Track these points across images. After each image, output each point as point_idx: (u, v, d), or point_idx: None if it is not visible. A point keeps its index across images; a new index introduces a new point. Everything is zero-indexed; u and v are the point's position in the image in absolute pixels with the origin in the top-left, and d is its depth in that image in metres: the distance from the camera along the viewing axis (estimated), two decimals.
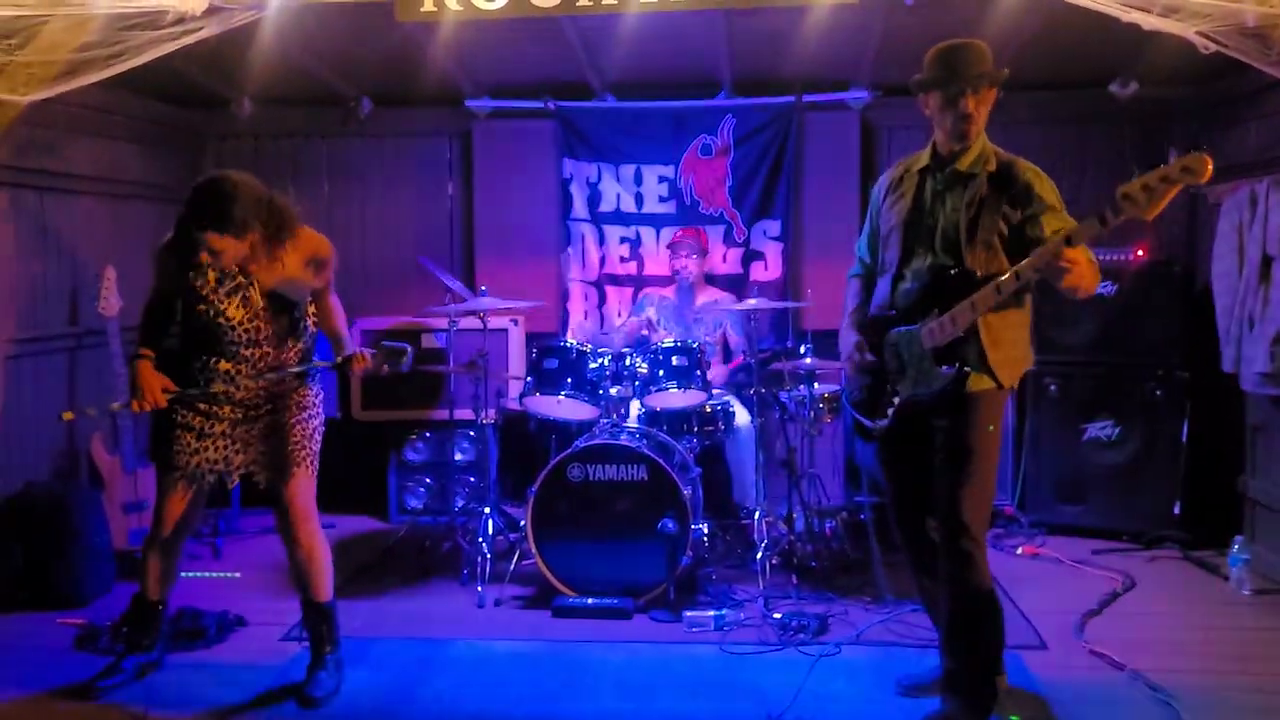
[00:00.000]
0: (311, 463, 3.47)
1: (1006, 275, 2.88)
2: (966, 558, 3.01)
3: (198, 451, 3.39)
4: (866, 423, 3.29)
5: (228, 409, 3.40)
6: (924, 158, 3.19)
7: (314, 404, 3.52)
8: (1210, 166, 2.52)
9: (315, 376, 3.55)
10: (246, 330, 3.35)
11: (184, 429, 3.39)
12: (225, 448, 3.41)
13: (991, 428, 3.06)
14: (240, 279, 3.34)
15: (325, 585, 3.52)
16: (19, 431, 4.62)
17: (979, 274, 2.98)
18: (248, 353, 3.37)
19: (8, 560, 4.26)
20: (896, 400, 3.17)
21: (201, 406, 3.39)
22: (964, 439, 3.03)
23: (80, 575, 4.32)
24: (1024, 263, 2.85)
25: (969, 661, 3.09)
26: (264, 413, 3.43)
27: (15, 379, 4.60)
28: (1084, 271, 2.78)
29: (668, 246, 5.62)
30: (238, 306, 3.33)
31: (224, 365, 3.37)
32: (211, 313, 3.32)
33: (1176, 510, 5.00)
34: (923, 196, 3.15)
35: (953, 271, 3.03)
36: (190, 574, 4.73)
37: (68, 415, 3.55)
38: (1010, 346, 3.06)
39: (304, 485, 3.44)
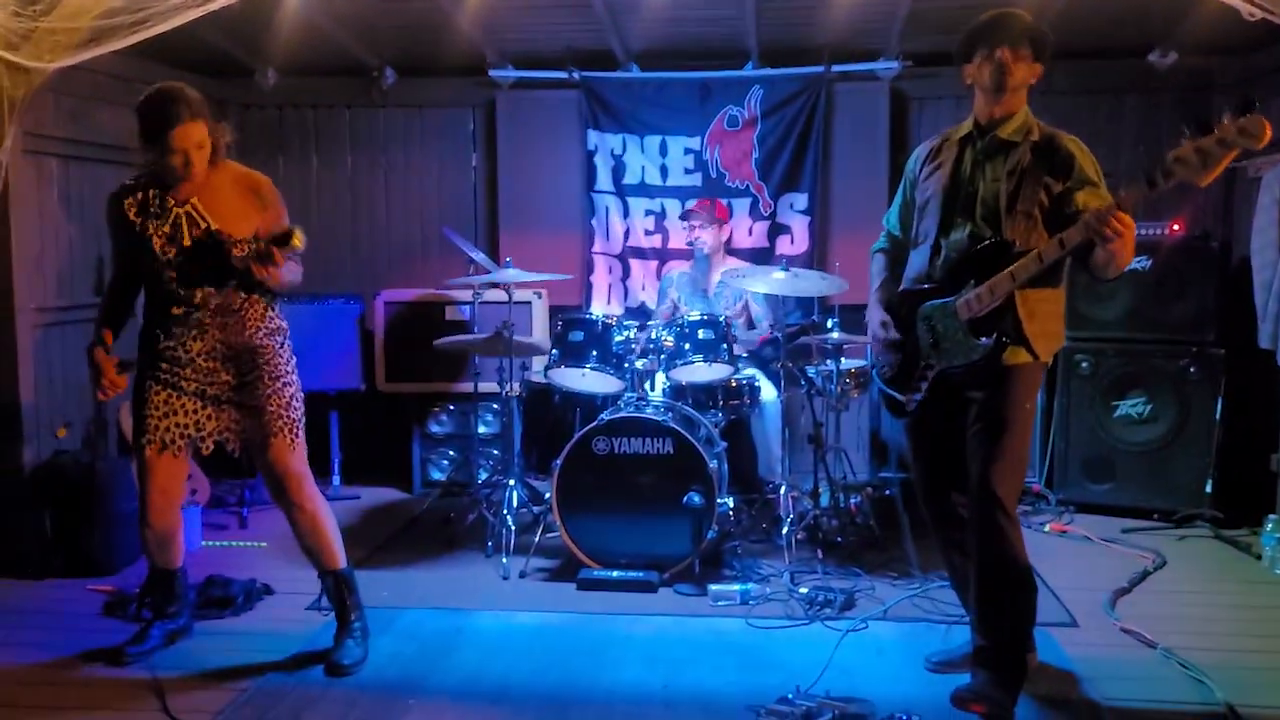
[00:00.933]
0: (292, 431, 3.40)
1: (1050, 243, 2.83)
2: (998, 531, 2.98)
3: (166, 415, 3.34)
4: (898, 398, 3.24)
5: (189, 371, 3.34)
6: (964, 128, 3.13)
7: (286, 373, 3.44)
8: (1269, 130, 2.43)
9: (283, 342, 3.45)
10: (183, 257, 3.26)
11: (153, 394, 3.36)
12: (195, 411, 3.36)
13: (1028, 405, 3.03)
14: (175, 209, 3.29)
15: (336, 552, 3.51)
16: (48, 400, 4.63)
17: (1018, 245, 2.93)
18: (185, 293, 3.28)
19: (38, 528, 4.28)
20: (929, 375, 3.12)
21: (164, 369, 3.35)
22: (1000, 411, 2.99)
23: (109, 543, 4.34)
24: (1070, 230, 2.79)
25: (1000, 637, 3.06)
26: (229, 377, 3.36)
27: (44, 348, 4.61)
28: (1129, 240, 2.71)
29: (680, 217, 5.55)
30: (172, 234, 3.27)
31: (175, 310, 3.30)
32: (149, 244, 3.27)
33: (1209, 488, 4.93)
34: (962, 165, 3.10)
35: (991, 242, 2.97)
36: (218, 543, 4.77)
37: (61, 432, 3.48)
38: (1045, 320, 3.02)
39: (287, 453, 3.38)
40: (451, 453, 5.71)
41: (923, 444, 3.31)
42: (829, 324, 4.71)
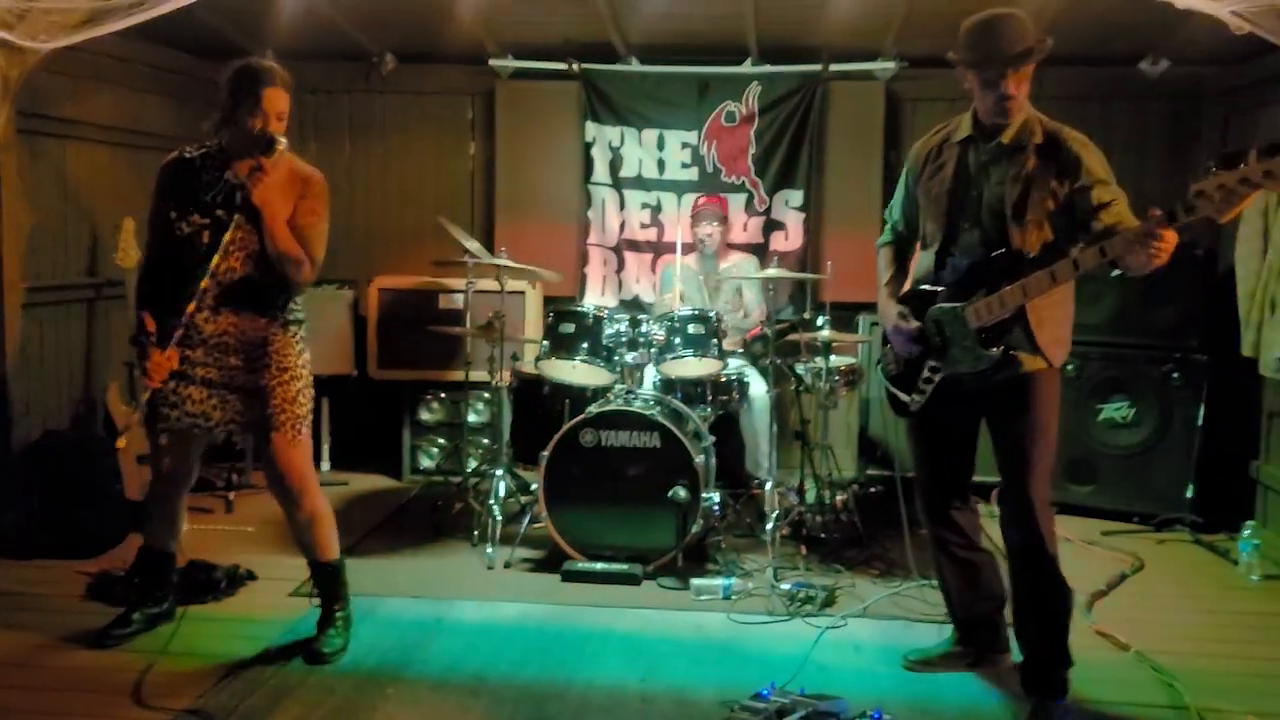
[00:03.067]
0: (294, 426, 3.36)
1: (1063, 264, 2.79)
2: (1039, 540, 2.98)
3: (176, 405, 3.33)
4: (902, 397, 3.23)
5: (200, 353, 3.31)
6: (965, 127, 3.08)
7: (296, 365, 3.40)
8: None
9: (297, 334, 3.42)
10: (217, 228, 3.23)
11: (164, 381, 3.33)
12: (203, 401, 3.34)
13: (1052, 407, 3.03)
14: (228, 180, 3.27)
15: (331, 545, 3.51)
16: (37, 379, 4.65)
17: (1029, 254, 2.92)
18: (210, 265, 3.21)
19: (25, 508, 4.29)
20: (935, 378, 3.12)
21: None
22: (1026, 422, 2.99)
23: (95, 524, 4.35)
24: (1088, 251, 2.75)
25: (1044, 653, 3.07)
26: (239, 366, 3.34)
27: (35, 327, 4.62)
28: (1166, 256, 2.68)
29: (690, 215, 5.52)
30: (217, 203, 3.26)
31: (195, 287, 3.23)
32: (188, 210, 3.26)
33: (1189, 493, 4.97)
34: (966, 168, 3.05)
35: (1002, 252, 2.95)
36: (202, 526, 4.78)
37: (121, 443, 3.47)
38: (1055, 326, 3.01)
39: (288, 447, 3.35)
40: (441, 441, 5.74)
41: (924, 444, 3.30)
42: (819, 321, 4.74)
